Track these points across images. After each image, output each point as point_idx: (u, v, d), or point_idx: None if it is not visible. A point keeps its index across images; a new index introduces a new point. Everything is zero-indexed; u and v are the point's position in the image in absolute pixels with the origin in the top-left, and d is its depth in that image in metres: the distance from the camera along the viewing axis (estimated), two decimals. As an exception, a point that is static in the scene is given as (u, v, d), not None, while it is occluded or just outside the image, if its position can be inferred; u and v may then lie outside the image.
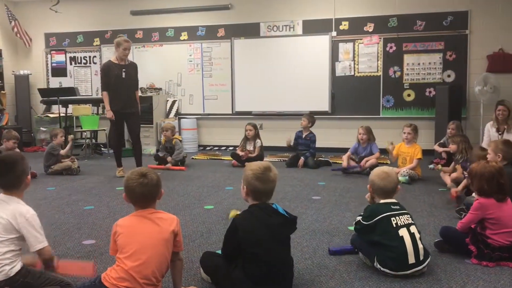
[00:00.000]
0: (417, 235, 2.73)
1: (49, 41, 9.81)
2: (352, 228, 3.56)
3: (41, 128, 9.40)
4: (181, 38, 9.03)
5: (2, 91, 9.25)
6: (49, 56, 9.84)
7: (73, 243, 3.39)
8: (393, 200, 2.85)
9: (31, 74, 9.80)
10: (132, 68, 6.12)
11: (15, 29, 9.45)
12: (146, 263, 2.19)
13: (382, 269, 2.71)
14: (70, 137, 6.95)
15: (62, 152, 6.50)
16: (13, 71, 9.69)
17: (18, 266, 2.34)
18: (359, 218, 2.90)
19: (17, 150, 6.10)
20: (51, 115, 9.33)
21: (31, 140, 9.60)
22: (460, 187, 4.47)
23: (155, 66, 9.20)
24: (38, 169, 6.30)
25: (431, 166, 6.04)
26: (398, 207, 2.81)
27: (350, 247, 3.08)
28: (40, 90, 8.66)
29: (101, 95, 6.29)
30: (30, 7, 9.75)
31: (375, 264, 2.75)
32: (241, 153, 6.90)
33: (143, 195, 2.30)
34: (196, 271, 2.80)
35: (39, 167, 6.39)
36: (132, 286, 2.17)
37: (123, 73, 5.93)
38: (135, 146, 6.25)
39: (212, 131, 9.13)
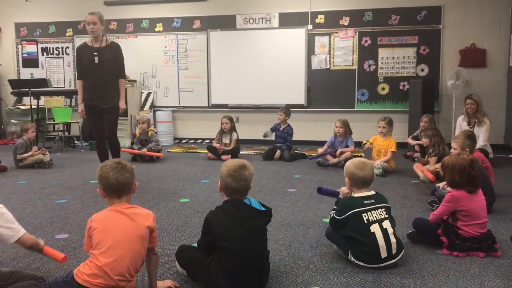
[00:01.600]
0: (390, 230, 2.76)
1: (20, 31, 9.54)
2: (327, 220, 3.61)
3: (11, 120, 9.16)
4: (156, 29, 8.91)
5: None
6: (19, 46, 9.58)
7: (45, 237, 3.32)
8: (369, 193, 2.85)
9: (0, 65, 9.53)
10: (110, 51, 5.01)
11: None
12: (121, 260, 2.16)
13: (356, 261, 2.74)
14: (34, 148, 6.28)
15: (21, 156, 6.13)
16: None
17: None
18: (332, 212, 2.92)
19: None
20: (22, 107, 9.10)
21: (2, 132, 9.36)
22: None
23: (129, 57, 8.92)
24: (8, 162, 6.15)
25: (416, 156, 6.18)
26: (372, 200, 2.82)
27: (336, 192, 3.19)
28: (10, 81, 8.42)
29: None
30: (-1, -4, 9.47)
31: (349, 257, 2.79)
32: (217, 146, 6.88)
33: (118, 182, 2.26)
34: (171, 264, 2.79)
35: (9, 160, 6.24)
36: (105, 283, 2.14)
37: (96, 58, 4.90)
38: (111, 146, 5.20)
39: (188, 124, 9.07)
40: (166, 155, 7.18)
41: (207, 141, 8.56)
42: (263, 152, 7.16)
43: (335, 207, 2.94)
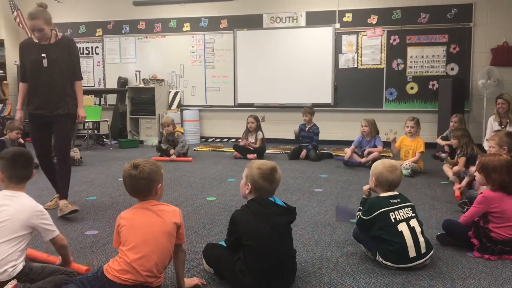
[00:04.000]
0: (418, 229, 2.72)
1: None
2: (354, 220, 3.57)
3: (43, 118, 9.38)
4: (184, 29, 8.99)
5: (5, 82, 9.24)
6: (51, 46, 9.80)
7: (76, 233, 3.40)
8: (394, 193, 2.83)
9: (33, 64, 9.76)
10: (62, 49, 3.93)
11: (17, 19, 9.41)
12: (148, 256, 2.19)
13: (384, 262, 2.71)
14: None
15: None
16: (16, 62, 9.64)
17: (20, 266, 2.34)
18: (359, 213, 2.90)
19: (21, 140, 6.11)
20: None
21: (33, 130, 9.59)
22: (464, 183, 4.47)
23: (157, 57, 9.18)
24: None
25: (443, 155, 6.01)
26: (398, 200, 2.79)
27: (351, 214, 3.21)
28: (42, 80, 8.65)
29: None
30: (32, -3, 9.70)
31: (377, 257, 2.75)
32: (243, 142, 6.89)
33: (132, 188, 2.31)
34: (198, 262, 2.81)
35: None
36: (134, 278, 2.17)
37: (44, 60, 3.83)
38: (58, 166, 4.00)
39: (214, 123, 9.12)
40: (192, 154, 7.23)
41: (232, 140, 8.60)
42: (289, 151, 7.14)
43: (361, 207, 2.91)
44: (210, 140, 9.08)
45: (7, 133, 6.16)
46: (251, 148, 6.83)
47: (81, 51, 9.64)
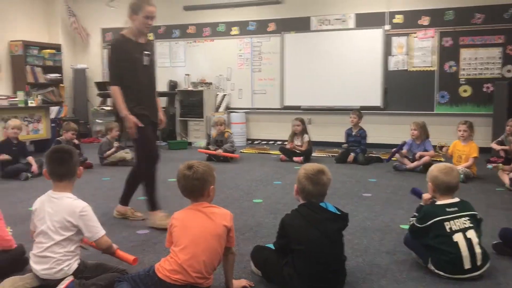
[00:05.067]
0: (475, 240, 2.60)
1: (105, 36, 10.13)
2: (404, 226, 3.50)
3: (97, 120, 9.75)
4: (232, 33, 9.09)
5: (61, 85, 9.65)
6: (105, 50, 10.17)
7: (127, 232, 3.50)
8: (452, 201, 2.73)
9: (88, 68, 10.16)
10: (151, 49, 3.84)
11: (74, 25, 9.83)
12: (198, 257, 2.23)
13: (436, 270, 2.63)
14: (116, 144, 6.70)
15: (106, 154, 6.57)
16: (72, 65, 10.09)
17: (75, 265, 2.43)
18: (412, 219, 2.82)
19: (76, 141, 6.36)
20: (107, 108, 9.65)
21: (88, 131, 9.98)
22: None
23: (205, 61, 9.33)
24: (94, 160, 6.54)
25: (489, 166, 5.78)
26: (455, 208, 2.68)
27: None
28: (96, 83, 8.98)
29: (110, 90, 3.68)
30: (88, 3, 10.10)
31: (428, 265, 2.68)
32: (290, 145, 6.88)
33: (185, 188, 2.35)
34: (246, 264, 2.83)
35: (95, 157, 6.63)
36: (184, 279, 2.21)
37: (145, 58, 3.62)
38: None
39: (261, 125, 9.16)
40: (239, 156, 7.29)
41: (279, 142, 8.60)
42: (336, 154, 7.07)
43: (415, 214, 2.84)
44: (256, 142, 9.13)
45: (63, 134, 6.44)
46: (298, 151, 6.80)
47: (133, 55, 9.92)
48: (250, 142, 9.13)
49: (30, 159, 5.83)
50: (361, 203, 4.38)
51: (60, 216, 2.41)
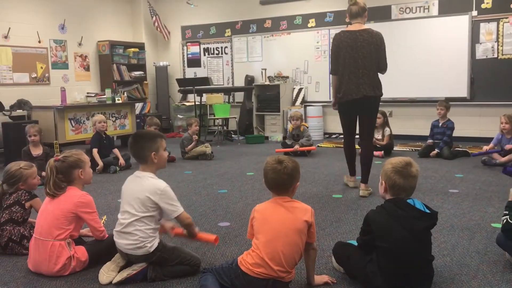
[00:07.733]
0: None
1: (185, 33, 10.45)
2: (496, 225, 3.30)
3: (178, 115, 10.10)
4: (309, 25, 9.01)
5: (145, 82, 10.11)
6: (185, 48, 10.51)
7: (209, 224, 3.59)
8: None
9: (169, 65, 10.55)
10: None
11: (156, 24, 10.23)
12: (278, 251, 2.23)
13: (534, 273, 2.45)
14: (195, 137, 6.88)
15: (188, 148, 6.77)
16: (154, 63, 10.52)
17: (156, 243, 2.57)
18: (505, 217, 2.64)
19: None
20: (187, 103, 9.97)
21: (170, 126, 10.38)
22: None
23: (282, 54, 9.33)
24: (176, 154, 6.79)
25: None
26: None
27: None
28: (177, 80, 9.31)
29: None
30: (168, 2, 10.48)
31: (525, 267, 2.50)
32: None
33: (274, 181, 2.35)
34: (327, 259, 2.80)
35: (177, 151, 6.89)
36: (266, 273, 2.23)
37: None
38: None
39: (338, 119, 8.93)
40: (316, 150, 7.23)
41: (357, 136, 8.39)
42: (419, 148, 6.78)
43: (506, 212, 2.65)
44: (333, 136, 8.99)
45: (146, 128, 6.75)
46: (378, 145, 6.60)
47: (212, 52, 10.18)
48: (327, 136, 9.02)
49: (115, 150, 6.19)
50: (447, 199, 4.17)
51: (142, 194, 2.55)
